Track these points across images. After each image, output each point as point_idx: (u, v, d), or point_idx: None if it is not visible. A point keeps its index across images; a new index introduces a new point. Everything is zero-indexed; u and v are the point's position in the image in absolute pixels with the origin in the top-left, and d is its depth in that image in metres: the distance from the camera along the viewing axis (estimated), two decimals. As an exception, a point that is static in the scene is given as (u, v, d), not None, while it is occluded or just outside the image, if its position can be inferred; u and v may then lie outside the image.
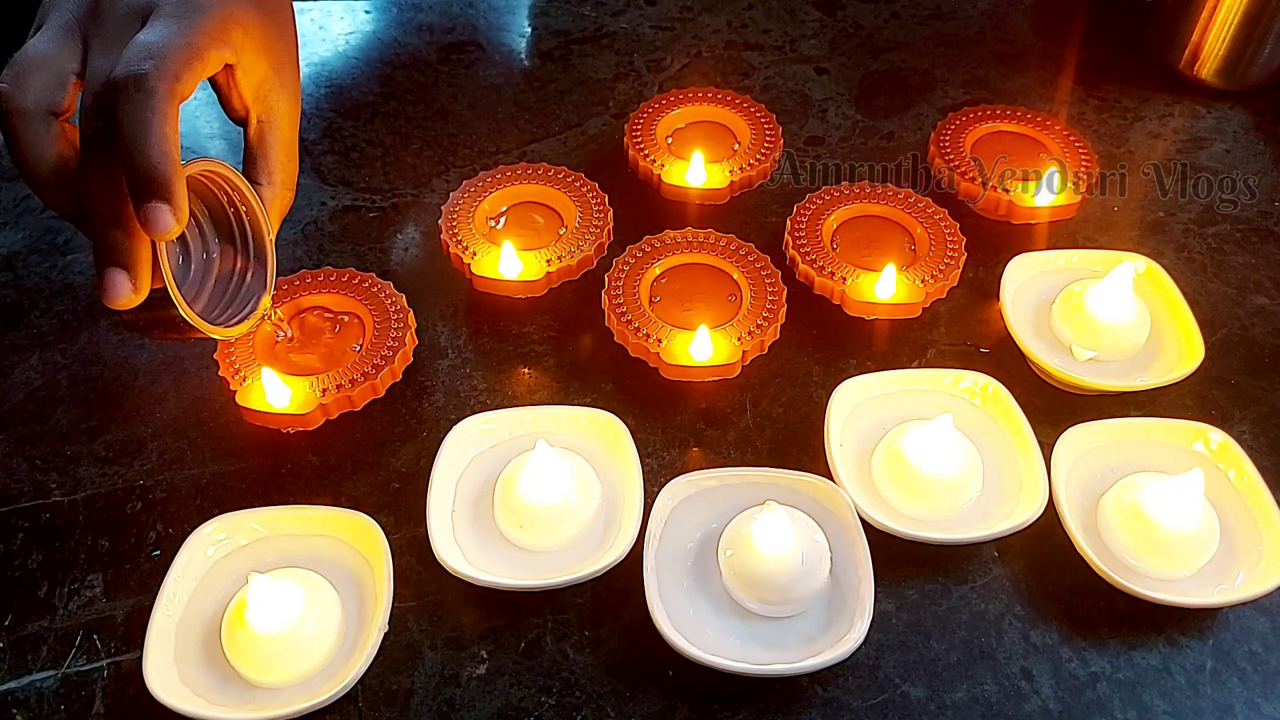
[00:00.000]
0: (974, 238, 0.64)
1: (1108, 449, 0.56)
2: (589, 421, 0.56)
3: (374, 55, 0.82)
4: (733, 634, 0.50)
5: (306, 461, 0.57)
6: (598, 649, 0.50)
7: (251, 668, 0.48)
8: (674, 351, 0.58)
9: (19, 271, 0.67)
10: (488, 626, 0.51)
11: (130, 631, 0.50)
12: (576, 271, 0.63)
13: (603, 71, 0.80)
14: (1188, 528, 0.51)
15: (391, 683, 0.49)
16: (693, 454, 0.58)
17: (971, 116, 0.71)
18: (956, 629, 0.51)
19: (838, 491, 0.53)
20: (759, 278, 0.61)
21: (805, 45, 0.83)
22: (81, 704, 0.48)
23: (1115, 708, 0.48)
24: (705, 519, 0.53)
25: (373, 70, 0.81)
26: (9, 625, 0.51)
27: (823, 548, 0.51)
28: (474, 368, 0.62)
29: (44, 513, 0.55)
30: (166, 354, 0.62)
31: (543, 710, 0.48)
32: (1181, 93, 0.78)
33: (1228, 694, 0.49)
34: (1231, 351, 0.62)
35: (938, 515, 0.53)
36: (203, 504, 0.55)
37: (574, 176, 0.67)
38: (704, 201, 0.68)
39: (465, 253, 0.62)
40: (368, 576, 0.51)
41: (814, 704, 0.49)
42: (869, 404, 0.58)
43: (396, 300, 0.60)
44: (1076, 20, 0.73)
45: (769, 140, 0.69)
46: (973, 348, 0.63)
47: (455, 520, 0.53)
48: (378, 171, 0.73)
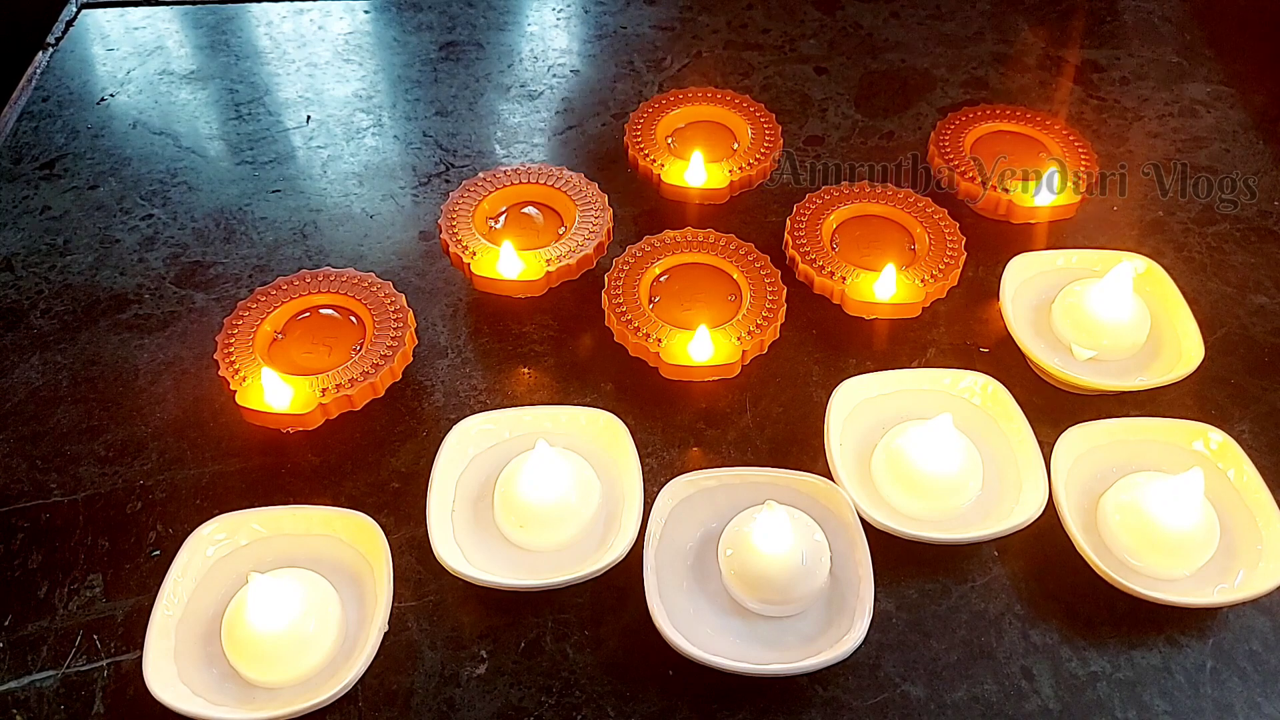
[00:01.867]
0: (974, 238, 0.64)
1: (1108, 449, 0.56)
2: (589, 421, 0.56)
3: (374, 55, 0.83)
4: (732, 634, 0.50)
5: (306, 461, 0.57)
6: (598, 649, 0.50)
7: (251, 667, 0.48)
8: (674, 351, 0.58)
9: (19, 272, 0.67)
10: (488, 626, 0.51)
11: (130, 631, 0.50)
12: (576, 271, 0.63)
13: (603, 71, 0.80)
14: (1188, 527, 0.51)
15: (391, 683, 0.49)
16: (693, 454, 0.58)
17: (971, 116, 0.71)
18: (956, 629, 0.51)
19: (838, 491, 0.53)
20: (759, 278, 0.61)
21: (805, 45, 0.83)
22: (81, 704, 0.48)
23: (1115, 707, 0.48)
24: (705, 519, 0.53)
25: (373, 70, 0.81)
26: (9, 625, 0.51)
27: (823, 547, 0.50)
28: (474, 368, 0.62)
29: (44, 513, 0.55)
30: (166, 354, 0.62)
31: (543, 710, 0.48)
32: (1181, 92, 0.78)
33: (1228, 693, 0.49)
34: (1231, 351, 0.62)
35: (938, 515, 0.53)
36: (203, 504, 0.55)
37: (574, 176, 0.67)
38: (704, 201, 0.68)
39: (465, 253, 0.62)
40: (367, 576, 0.51)
41: (814, 704, 0.49)
42: (869, 404, 0.58)
43: (396, 300, 0.60)
44: (1076, 20, 0.73)
45: (769, 140, 0.69)
46: (973, 348, 0.63)
47: (455, 520, 0.53)
48: (378, 171, 0.73)
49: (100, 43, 0.84)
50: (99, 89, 0.80)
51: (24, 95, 0.79)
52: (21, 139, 0.76)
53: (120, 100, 0.79)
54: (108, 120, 0.77)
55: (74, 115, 0.77)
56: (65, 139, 0.76)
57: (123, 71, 0.78)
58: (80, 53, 0.83)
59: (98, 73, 0.81)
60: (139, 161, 0.74)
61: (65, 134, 0.76)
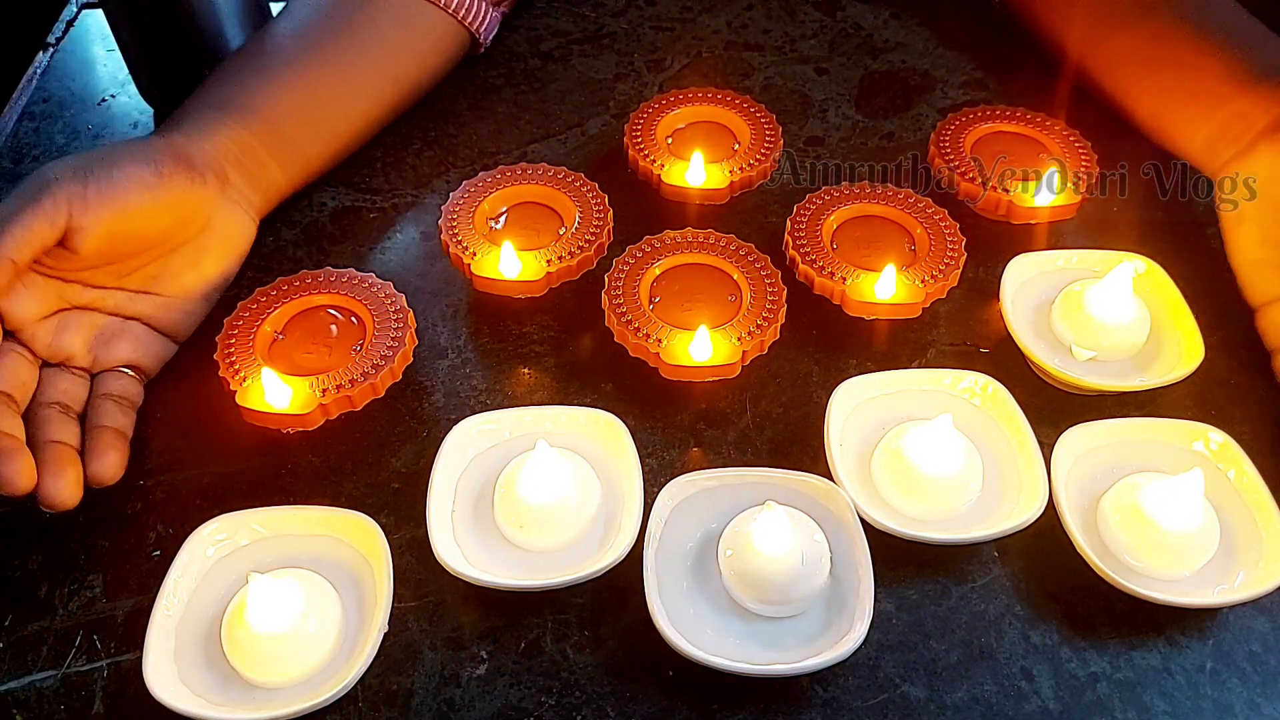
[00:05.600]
0: (974, 238, 0.64)
1: (1108, 449, 0.56)
2: (589, 421, 0.56)
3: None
4: (733, 634, 0.50)
5: (306, 461, 0.57)
6: (598, 649, 0.50)
7: (251, 668, 0.48)
8: (674, 351, 0.58)
9: (19, 272, 0.67)
10: (488, 626, 0.51)
11: (130, 631, 0.50)
12: (576, 271, 0.63)
13: (603, 71, 0.80)
14: (1188, 528, 0.51)
15: (391, 683, 0.49)
16: (693, 454, 0.58)
17: (971, 117, 0.71)
18: (956, 629, 0.51)
19: (838, 491, 0.53)
20: (759, 278, 0.61)
21: (805, 45, 0.83)
22: (81, 704, 0.48)
23: (1115, 708, 0.48)
24: (705, 519, 0.53)
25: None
26: (9, 625, 0.51)
27: (823, 548, 0.51)
28: (474, 368, 0.62)
29: (44, 513, 0.55)
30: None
31: (543, 710, 0.48)
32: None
33: (1228, 694, 0.49)
34: (1232, 352, 0.62)
35: (938, 515, 0.53)
36: (203, 504, 0.55)
37: (574, 176, 0.67)
38: (704, 201, 0.68)
39: (465, 253, 0.62)
40: (368, 576, 0.51)
41: (814, 704, 0.49)
42: (869, 404, 0.58)
43: (396, 300, 0.60)
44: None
45: (769, 140, 0.69)
46: (973, 348, 0.63)
47: (455, 520, 0.53)
48: (378, 172, 0.73)
49: (100, 43, 0.84)
50: (99, 89, 0.80)
51: (24, 95, 0.79)
52: (22, 139, 0.76)
53: (121, 101, 0.79)
54: (108, 121, 0.77)
55: (74, 115, 0.78)
56: (66, 139, 0.76)
57: (123, 72, 0.78)
58: (80, 53, 0.83)
59: (98, 73, 0.81)
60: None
61: (66, 134, 0.76)
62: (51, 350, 0.56)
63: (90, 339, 0.57)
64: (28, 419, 0.53)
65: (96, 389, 0.57)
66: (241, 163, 0.62)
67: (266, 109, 0.64)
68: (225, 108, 0.62)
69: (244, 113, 0.63)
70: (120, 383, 0.57)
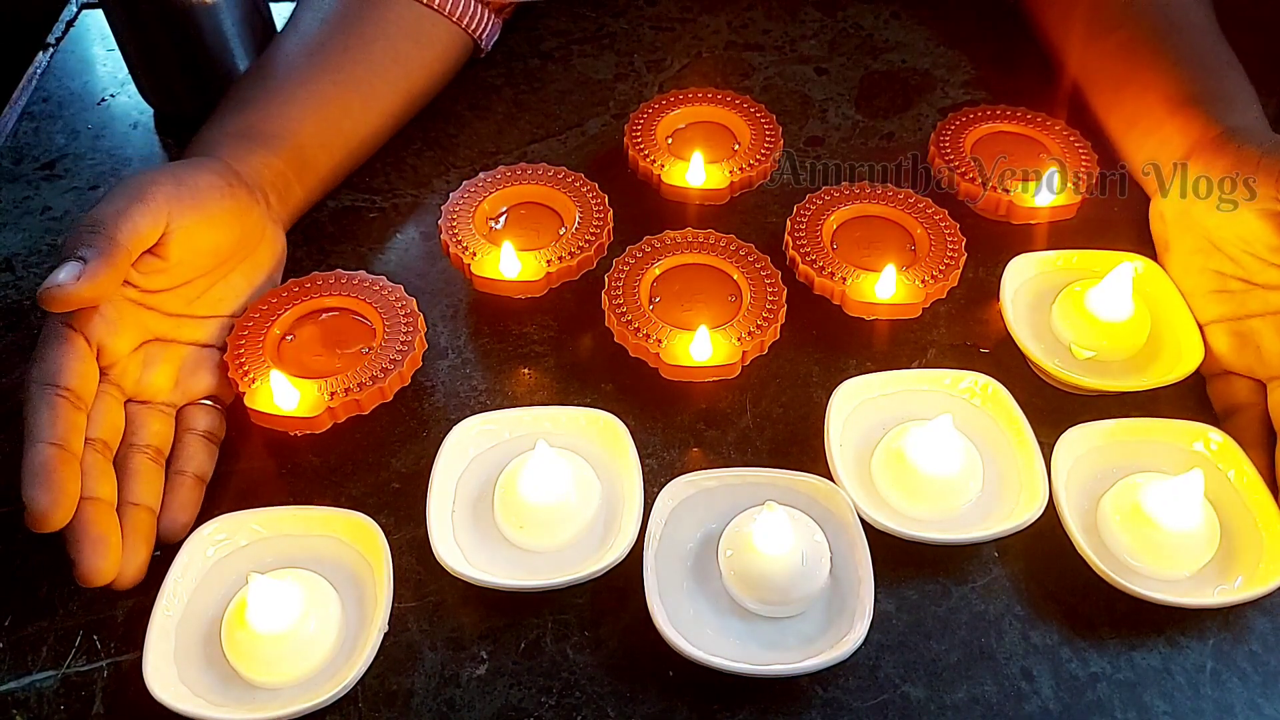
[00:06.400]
0: (974, 238, 0.64)
1: (1108, 449, 0.56)
2: (589, 422, 0.56)
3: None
4: (733, 634, 0.50)
5: (307, 462, 0.57)
6: (598, 649, 0.50)
7: (251, 668, 0.48)
8: (674, 352, 0.58)
9: (19, 272, 0.67)
10: (488, 627, 0.51)
11: (130, 631, 0.50)
12: (576, 271, 0.63)
13: (603, 71, 0.80)
14: (1188, 528, 0.51)
15: (391, 683, 0.49)
16: (693, 454, 0.58)
17: (971, 116, 0.71)
18: (956, 629, 0.51)
19: (838, 492, 0.53)
20: (759, 278, 0.61)
21: (805, 45, 0.83)
22: (81, 704, 0.48)
23: (1115, 708, 0.48)
24: (705, 519, 0.53)
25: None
26: (9, 625, 0.51)
27: (823, 548, 0.51)
28: (474, 368, 0.62)
29: (44, 513, 0.55)
30: (167, 354, 0.62)
31: (543, 710, 0.48)
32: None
33: (1228, 694, 0.49)
34: (1232, 352, 0.62)
35: (938, 515, 0.53)
36: (203, 504, 0.55)
37: (574, 176, 0.67)
38: (704, 202, 0.68)
39: (465, 253, 0.62)
40: (368, 577, 0.51)
41: (814, 704, 0.49)
42: (869, 404, 0.58)
43: (407, 304, 0.60)
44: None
45: (769, 140, 0.69)
46: (973, 348, 0.63)
47: (455, 520, 0.53)
48: (378, 172, 0.73)
49: (100, 43, 0.84)
50: (99, 89, 0.80)
51: (24, 95, 0.79)
52: (22, 139, 0.76)
53: (121, 100, 0.79)
54: (108, 121, 0.77)
55: (74, 115, 0.77)
56: (66, 139, 0.76)
57: (123, 72, 0.78)
58: (80, 53, 0.83)
59: (98, 73, 0.81)
60: (140, 162, 0.74)
61: (66, 134, 0.76)
62: (140, 387, 0.54)
63: (175, 372, 0.55)
64: (117, 464, 0.52)
65: (182, 423, 0.55)
66: (275, 186, 0.63)
67: (291, 136, 0.64)
68: (255, 138, 0.63)
69: (273, 140, 0.63)
70: (207, 418, 0.56)
